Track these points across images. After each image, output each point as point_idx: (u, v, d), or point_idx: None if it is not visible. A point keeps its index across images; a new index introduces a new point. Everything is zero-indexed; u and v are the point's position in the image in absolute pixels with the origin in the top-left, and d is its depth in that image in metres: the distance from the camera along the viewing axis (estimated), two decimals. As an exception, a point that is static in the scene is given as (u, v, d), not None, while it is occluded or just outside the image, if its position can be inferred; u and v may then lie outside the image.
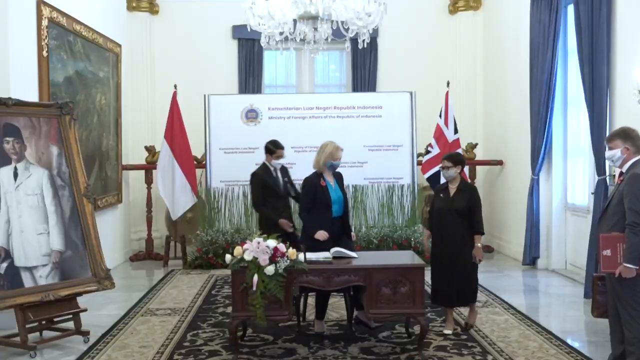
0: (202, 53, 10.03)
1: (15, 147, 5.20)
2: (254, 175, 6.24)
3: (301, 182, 5.56)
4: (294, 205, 6.50)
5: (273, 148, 6.19)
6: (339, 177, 5.49)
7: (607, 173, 6.25)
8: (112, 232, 8.38)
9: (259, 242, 4.55)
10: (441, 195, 5.35)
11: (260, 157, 8.50)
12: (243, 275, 4.57)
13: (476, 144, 9.46)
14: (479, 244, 5.22)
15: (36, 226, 5.18)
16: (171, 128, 8.35)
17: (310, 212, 5.33)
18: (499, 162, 9.26)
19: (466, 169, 8.81)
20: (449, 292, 5.23)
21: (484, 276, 7.56)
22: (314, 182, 5.36)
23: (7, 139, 5.16)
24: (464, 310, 5.64)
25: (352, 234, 5.58)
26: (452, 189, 5.30)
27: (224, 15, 9.85)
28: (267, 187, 6.07)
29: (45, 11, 6.21)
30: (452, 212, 5.18)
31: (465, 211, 5.17)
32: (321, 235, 5.22)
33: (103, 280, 5.43)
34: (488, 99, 9.91)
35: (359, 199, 8.47)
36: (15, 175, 5.15)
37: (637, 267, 3.94)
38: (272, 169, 6.19)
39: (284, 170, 6.28)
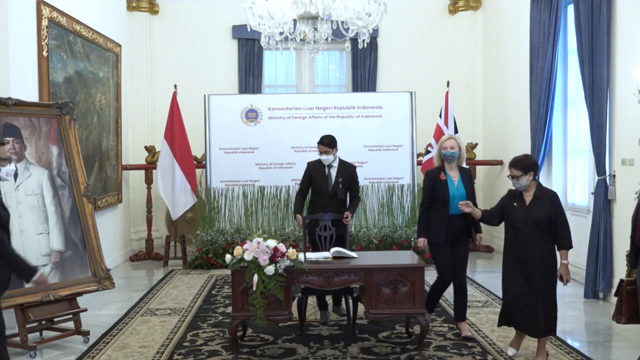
0: (202, 53, 10.04)
1: (15, 147, 5.20)
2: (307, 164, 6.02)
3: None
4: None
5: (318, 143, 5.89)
6: (465, 174, 5.25)
7: (607, 173, 6.25)
8: (112, 232, 8.39)
9: (259, 242, 4.55)
10: (515, 204, 4.60)
11: (261, 157, 8.58)
12: (243, 275, 4.57)
13: (476, 144, 9.46)
14: (565, 261, 4.52)
15: (36, 226, 5.18)
16: (171, 128, 8.35)
17: (429, 208, 5.19)
18: (499, 162, 9.26)
19: (466, 169, 8.84)
20: (529, 317, 4.52)
21: (485, 276, 7.58)
22: (433, 175, 5.21)
23: (7, 139, 5.16)
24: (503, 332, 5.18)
25: (478, 235, 5.26)
26: (528, 196, 4.59)
27: (223, 15, 9.86)
28: (312, 180, 5.83)
29: (45, 11, 6.21)
30: (529, 224, 4.49)
31: (545, 222, 4.48)
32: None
33: (103, 280, 5.43)
34: (488, 99, 9.91)
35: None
36: (15, 175, 5.14)
37: None
38: (324, 164, 5.81)
39: (345, 169, 5.83)
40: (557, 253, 4.54)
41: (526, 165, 4.52)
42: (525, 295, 4.47)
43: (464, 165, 5.43)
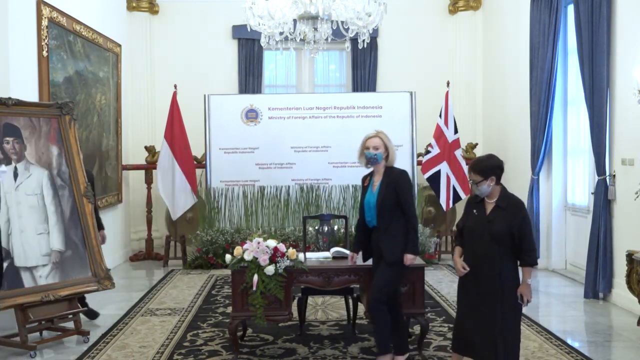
0: (202, 53, 10.04)
1: (15, 147, 5.20)
2: None
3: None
4: None
5: None
6: (388, 176, 4.40)
7: (607, 173, 6.25)
8: (112, 232, 8.37)
9: (259, 242, 4.55)
10: (475, 211, 3.96)
11: (261, 157, 8.58)
12: (243, 275, 4.57)
13: (476, 144, 9.46)
14: (528, 281, 3.85)
15: (36, 226, 5.18)
16: (171, 128, 8.35)
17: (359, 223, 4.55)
18: (499, 162, 9.24)
19: (466, 169, 8.81)
20: (486, 343, 3.84)
21: (484, 276, 7.57)
22: (362, 180, 4.60)
23: (7, 139, 5.16)
24: None
25: (407, 256, 4.33)
26: (490, 204, 3.92)
27: (223, 15, 9.86)
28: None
29: (45, 11, 6.21)
30: (487, 238, 3.84)
31: (506, 237, 3.81)
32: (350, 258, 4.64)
33: (103, 280, 5.43)
34: (488, 99, 9.91)
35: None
36: (15, 175, 5.15)
37: None
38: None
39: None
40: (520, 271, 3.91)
41: (486, 168, 3.87)
42: (482, 320, 3.84)
43: (395, 165, 4.49)
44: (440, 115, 8.55)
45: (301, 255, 4.69)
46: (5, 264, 4.87)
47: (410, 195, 4.44)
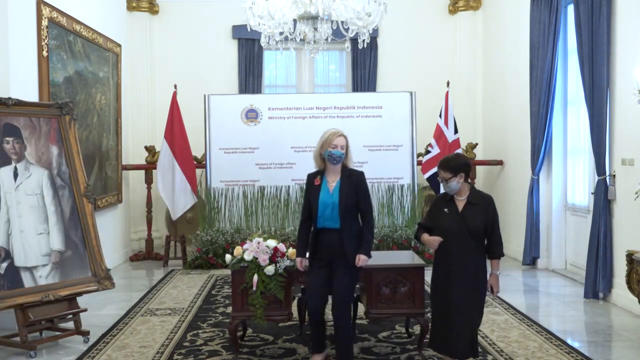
0: (202, 53, 10.04)
1: (15, 147, 5.20)
2: None
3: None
4: None
5: None
6: (348, 177, 4.36)
7: (607, 173, 6.25)
8: (112, 232, 8.38)
9: (259, 242, 4.56)
10: (446, 210, 4.01)
11: (261, 156, 8.57)
12: (243, 275, 4.57)
13: (476, 144, 9.46)
14: (497, 272, 4.06)
15: (36, 226, 5.18)
16: (171, 128, 8.35)
17: (309, 219, 4.42)
18: (499, 162, 9.26)
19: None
20: (457, 337, 3.95)
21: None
22: (309, 180, 4.44)
23: (7, 139, 5.16)
24: None
25: (360, 257, 4.24)
26: (460, 201, 4.02)
27: (223, 15, 9.86)
28: None
29: (45, 11, 6.21)
30: (464, 234, 3.93)
31: (481, 231, 3.96)
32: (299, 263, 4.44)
33: (103, 280, 5.43)
34: (488, 99, 9.91)
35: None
36: (15, 175, 5.15)
37: None
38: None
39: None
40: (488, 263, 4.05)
41: (456, 165, 3.96)
42: (456, 312, 3.92)
43: (351, 166, 4.44)
44: (440, 115, 8.55)
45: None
46: (5, 264, 4.88)
47: (370, 197, 4.44)
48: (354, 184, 4.31)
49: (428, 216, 4.18)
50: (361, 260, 4.25)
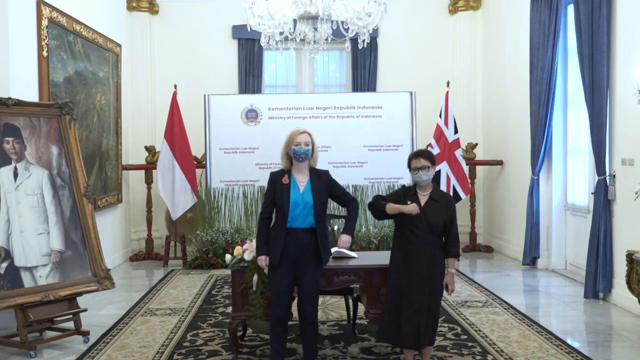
0: (202, 53, 10.04)
1: (15, 147, 5.20)
2: None
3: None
4: None
5: None
6: (318, 177, 4.32)
7: (607, 173, 6.25)
8: (112, 232, 8.39)
9: (259, 242, 4.55)
10: (409, 202, 4.17)
11: (261, 156, 8.57)
12: (243, 275, 4.58)
13: (476, 144, 9.46)
14: (452, 270, 4.24)
15: (36, 226, 5.18)
16: (171, 128, 8.35)
17: (269, 218, 4.33)
18: (499, 162, 9.26)
19: (466, 169, 8.84)
20: (412, 328, 4.11)
21: (485, 276, 7.58)
22: (275, 178, 4.30)
23: (7, 139, 5.16)
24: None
25: (343, 237, 4.26)
26: (423, 196, 4.22)
27: (223, 15, 9.87)
28: None
29: (45, 11, 6.21)
30: (424, 227, 4.12)
31: (440, 227, 4.15)
32: (261, 261, 4.31)
33: (103, 280, 5.43)
34: (488, 99, 9.91)
35: (359, 199, 8.47)
36: (15, 175, 5.15)
37: None
38: None
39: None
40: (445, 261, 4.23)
41: (432, 156, 4.25)
42: (412, 306, 4.08)
43: (317, 166, 4.42)
44: (440, 115, 8.55)
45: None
46: (5, 264, 4.88)
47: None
48: (325, 183, 4.31)
49: (390, 195, 4.35)
50: (343, 241, 4.24)
